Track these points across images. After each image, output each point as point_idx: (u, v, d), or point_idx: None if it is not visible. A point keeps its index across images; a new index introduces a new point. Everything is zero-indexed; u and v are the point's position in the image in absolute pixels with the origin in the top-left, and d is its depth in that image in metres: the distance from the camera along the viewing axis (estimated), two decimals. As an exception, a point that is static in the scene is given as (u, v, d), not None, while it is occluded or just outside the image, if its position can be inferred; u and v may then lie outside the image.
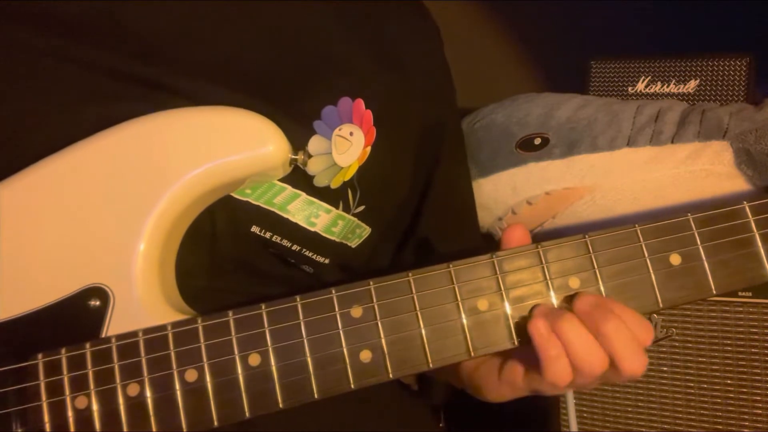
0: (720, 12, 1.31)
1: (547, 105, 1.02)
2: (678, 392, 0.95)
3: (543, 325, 0.60)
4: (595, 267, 0.64)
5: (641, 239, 0.64)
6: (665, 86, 1.05)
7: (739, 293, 0.91)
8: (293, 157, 0.70)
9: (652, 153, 0.93)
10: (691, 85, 1.03)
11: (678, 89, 1.04)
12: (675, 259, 0.64)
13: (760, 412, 0.90)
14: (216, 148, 0.67)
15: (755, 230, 0.64)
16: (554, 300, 0.64)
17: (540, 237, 0.72)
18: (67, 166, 0.68)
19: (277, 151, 0.67)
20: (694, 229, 0.64)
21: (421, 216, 0.88)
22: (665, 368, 0.95)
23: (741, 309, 0.91)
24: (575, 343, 0.60)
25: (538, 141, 0.99)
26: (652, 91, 1.05)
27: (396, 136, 0.79)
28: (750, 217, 0.64)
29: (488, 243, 1.02)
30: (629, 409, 0.97)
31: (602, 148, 0.95)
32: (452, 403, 1.22)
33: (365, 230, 0.81)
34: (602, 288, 0.64)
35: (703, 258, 0.64)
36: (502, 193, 1.00)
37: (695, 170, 0.90)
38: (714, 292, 0.64)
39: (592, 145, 0.95)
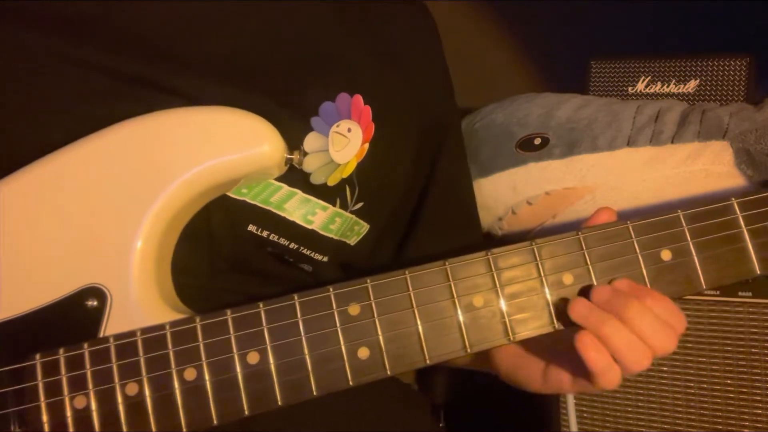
0: (720, 12, 1.31)
1: (547, 105, 1.02)
2: (678, 392, 0.94)
3: (591, 339, 0.60)
4: (588, 263, 0.64)
5: (633, 236, 0.65)
6: (665, 86, 1.05)
7: (739, 293, 0.91)
8: (289, 156, 0.70)
9: (652, 153, 0.93)
10: (691, 85, 1.03)
11: (678, 89, 1.04)
12: (666, 254, 0.65)
13: (760, 412, 0.90)
14: (212, 148, 0.67)
15: (743, 226, 0.65)
16: (548, 296, 0.64)
17: (540, 235, 0.72)
18: (62, 165, 0.68)
19: (272, 151, 0.68)
20: (684, 225, 0.65)
21: (423, 213, 0.88)
22: (665, 368, 0.94)
23: (741, 309, 0.91)
24: (622, 350, 0.60)
25: (538, 141, 0.99)
26: (652, 91, 1.05)
27: (395, 132, 0.79)
28: (738, 213, 0.65)
29: (488, 242, 1.02)
30: (629, 409, 0.97)
31: (602, 148, 0.95)
32: (452, 403, 1.22)
33: (364, 227, 0.81)
34: (595, 284, 0.64)
35: (693, 254, 0.65)
36: (502, 193, 1.00)
37: (695, 170, 0.90)
38: (704, 286, 0.65)
39: (592, 145, 0.95)
